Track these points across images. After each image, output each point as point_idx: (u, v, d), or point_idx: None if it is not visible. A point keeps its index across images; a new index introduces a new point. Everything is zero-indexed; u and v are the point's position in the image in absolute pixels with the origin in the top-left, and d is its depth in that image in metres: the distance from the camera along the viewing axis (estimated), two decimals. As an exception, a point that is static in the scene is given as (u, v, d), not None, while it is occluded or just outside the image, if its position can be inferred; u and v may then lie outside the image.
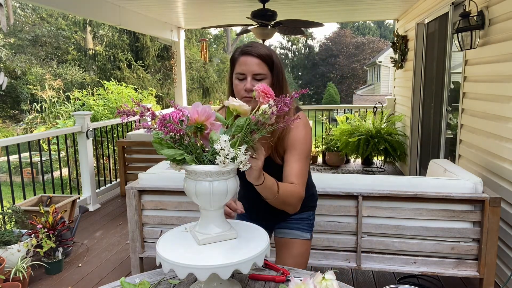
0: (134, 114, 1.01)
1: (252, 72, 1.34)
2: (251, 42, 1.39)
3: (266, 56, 1.35)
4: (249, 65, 1.34)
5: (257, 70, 1.34)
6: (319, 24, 4.65)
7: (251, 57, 1.34)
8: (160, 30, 6.39)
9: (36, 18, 17.11)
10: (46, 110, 10.94)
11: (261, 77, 1.35)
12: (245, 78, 1.35)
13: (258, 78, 1.35)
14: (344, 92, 30.88)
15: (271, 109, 1.05)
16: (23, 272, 2.49)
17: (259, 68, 1.34)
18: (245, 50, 1.35)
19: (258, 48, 1.35)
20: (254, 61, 1.34)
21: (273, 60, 1.36)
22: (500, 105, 2.69)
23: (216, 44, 25.41)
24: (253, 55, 1.34)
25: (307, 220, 1.62)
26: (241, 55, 1.36)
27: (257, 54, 1.33)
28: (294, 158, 1.38)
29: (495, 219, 2.17)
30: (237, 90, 1.38)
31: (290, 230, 1.60)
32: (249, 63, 1.34)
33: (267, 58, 1.35)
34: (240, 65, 1.35)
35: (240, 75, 1.36)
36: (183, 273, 0.97)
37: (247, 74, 1.35)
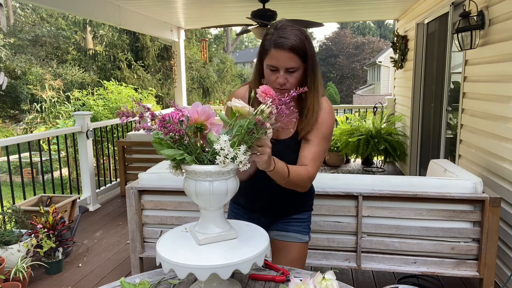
0: (133, 115, 1.01)
1: (284, 66, 1.31)
2: (283, 30, 1.31)
3: (298, 49, 1.29)
4: (281, 60, 1.30)
5: (290, 64, 1.30)
6: (319, 24, 4.65)
7: (283, 51, 1.28)
8: (160, 30, 6.38)
9: (36, 18, 17.10)
10: (46, 110, 10.94)
11: (293, 69, 1.32)
12: (277, 70, 1.32)
13: (291, 71, 1.32)
14: (344, 92, 30.87)
15: (270, 108, 1.05)
16: (23, 272, 2.49)
17: (292, 62, 1.30)
18: (278, 42, 1.29)
19: (291, 39, 1.28)
20: (286, 55, 1.29)
21: (306, 50, 1.31)
22: (500, 105, 2.69)
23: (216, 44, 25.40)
24: (285, 48, 1.28)
25: (306, 222, 1.60)
26: (273, 47, 1.30)
27: (289, 47, 1.28)
28: (315, 141, 1.38)
29: (495, 219, 2.17)
30: (269, 80, 1.36)
31: (289, 233, 1.56)
32: (281, 58, 1.29)
33: (299, 51, 1.29)
34: (272, 58, 1.31)
35: (272, 67, 1.33)
36: (183, 273, 0.97)
37: (279, 68, 1.32)
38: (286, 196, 1.52)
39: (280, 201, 1.54)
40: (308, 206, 1.62)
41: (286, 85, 1.33)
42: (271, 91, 1.09)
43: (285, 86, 1.33)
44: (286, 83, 1.32)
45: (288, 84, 1.33)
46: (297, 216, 1.58)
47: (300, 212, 1.58)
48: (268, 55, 1.32)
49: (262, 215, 1.57)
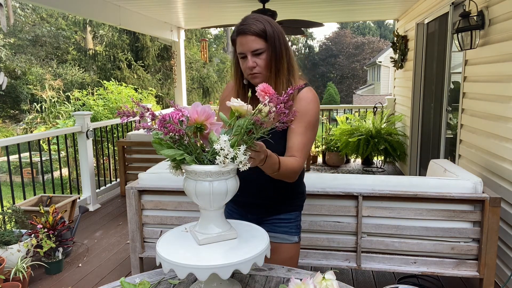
0: (134, 115, 1.01)
1: (249, 49, 1.37)
2: (244, 18, 1.40)
3: (260, 31, 1.36)
4: (245, 44, 1.37)
5: (254, 46, 1.36)
6: (319, 24, 4.65)
7: (245, 36, 1.36)
8: (160, 30, 6.39)
9: (36, 18, 17.11)
10: (46, 110, 10.94)
11: (259, 51, 1.37)
12: (246, 57, 1.39)
13: (257, 53, 1.37)
14: (344, 92, 30.88)
15: (268, 107, 1.05)
16: (23, 272, 2.49)
17: (256, 44, 1.36)
18: (240, 29, 1.38)
19: (251, 25, 1.36)
20: (249, 38, 1.36)
21: (266, 31, 1.37)
22: (500, 105, 2.69)
23: (216, 44, 25.41)
24: (247, 33, 1.36)
25: (294, 222, 1.58)
26: (238, 35, 1.39)
27: (251, 31, 1.35)
28: (300, 130, 1.39)
29: (495, 219, 2.17)
30: (243, 69, 1.42)
31: (277, 234, 1.54)
32: (245, 42, 1.37)
33: (260, 32, 1.36)
34: (239, 45, 1.39)
35: (241, 54, 1.40)
36: (183, 273, 0.97)
37: (246, 53, 1.38)
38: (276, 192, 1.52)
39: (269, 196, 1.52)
40: (297, 205, 1.61)
41: (256, 68, 1.38)
42: (270, 89, 1.09)
43: (255, 70, 1.38)
44: (255, 66, 1.37)
45: (258, 67, 1.38)
46: (285, 217, 1.57)
47: (288, 211, 1.57)
48: (236, 45, 1.40)
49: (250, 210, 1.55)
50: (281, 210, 1.56)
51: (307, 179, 2.38)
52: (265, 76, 1.39)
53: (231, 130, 1.07)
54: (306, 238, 2.40)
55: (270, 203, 1.54)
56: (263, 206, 1.55)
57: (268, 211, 1.56)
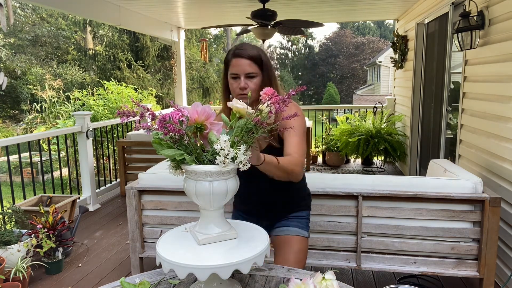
0: (134, 115, 1.01)
1: (244, 72, 1.49)
2: (241, 44, 1.54)
3: (256, 57, 1.50)
4: (241, 66, 1.49)
5: (249, 70, 1.49)
6: (319, 24, 4.65)
7: (242, 59, 1.49)
8: (160, 30, 6.38)
9: (36, 18, 17.11)
10: (46, 110, 10.94)
11: (252, 75, 1.50)
12: (239, 77, 1.50)
13: (250, 76, 1.50)
14: (344, 92, 30.88)
15: (269, 108, 1.05)
16: (23, 272, 2.49)
17: (250, 68, 1.49)
18: (237, 52, 1.51)
19: (248, 50, 1.50)
20: (245, 62, 1.49)
21: (262, 59, 1.51)
22: (500, 105, 2.69)
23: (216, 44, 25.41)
24: (244, 56, 1.49)
25: (305, 219, 1.71)
26: (233, 57, 1.51)
27: (248, 56, 1.49)
28: (291, 134, 1.49)
29: (495, 219, 2.17)
30: (232, 88, 1.53)
31: (290, 227, 1.65)
32: (241, 64, 1.49)
33: (256, 59, 1.50)
34: (233, 66, 1.50)
35: (234, 75, 1.51)
36: (183, 273, 0.97)
37: (240, 74, 1.50)
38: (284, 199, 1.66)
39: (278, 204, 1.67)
40: (306, 205, 1.74)
41: (247, 89, 1.49)
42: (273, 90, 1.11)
43: (245, 91, 1.48)
44: (246, 87, 1.49)
45: (248, 88, 1.49)
46: (296, 214, 1.69)
47: (298, 210, 1.70)
48: (230, 66, 1.52)
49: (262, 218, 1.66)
50: (292, 210, 1.69)
51: (307, 179, 2.39)
52: (253, 98, 1.45)
53: (231, 131, 1.07)
54: (306, 238, 2.40)
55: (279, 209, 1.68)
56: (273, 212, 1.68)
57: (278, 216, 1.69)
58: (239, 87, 1.49)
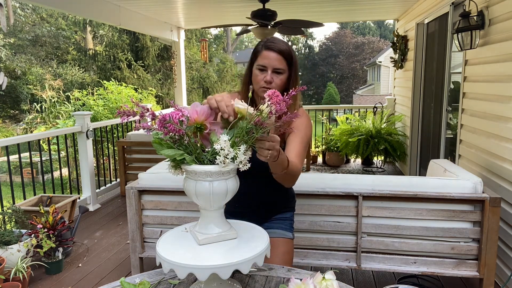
0: (134, 115, 1.01)
1: (273, 66, 1.46)
2: (273, 38, 1.51)
3: (287, 53, 1.47)
4: (271, 60, 1.45)
5: (278, 65, 1.46)
6: (319, 24, 4.65)
7: (273, 53, 1.45)
8: (160, 30, 6.38)
9: (36, 18, 17.10)
10: (46, 110, 10.94)
11: (280, 71, 1.47)
12: (266, 70, 1.47)
13: (278, 72, 1.47)
14: (344, 92, 30.87)
15: (269, 108, 1.05)
16: (23, 272, 2.49)
17: (279, 64, 1.46)
18: (269, 45, 1.47)
19: (280, 45, 1.47)
20: (275, 56, 1.45)
21: (292, 57, 1.48)
22: (500, 105, 2.69)
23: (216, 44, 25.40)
24: (275, 50, 1.45)
25: (289, 220, 1.70)
26: (264, 49, 1.47)
27: (279, 50, 1.45)
28: (297, 140, 1.48)
29: (495, 219, 2.17)
30: (256, 80, 1.49)
31: (273, 229, 1.63)
32: (271, 57, 1.45)
33: (287, 55, 1.47)
34: (263, 58, 1.47)
35: (261, 67, 1.47)
36: (183, 273, 0.97)
37: (268, 67, 1.46)
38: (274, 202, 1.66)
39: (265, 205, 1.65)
40: (290, 207, 1.74)
41: (272, 84, 1.46)
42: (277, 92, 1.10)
43: (270, 86, 1.45)
44: (272, 82, 1.46)
45: (274, 84, 1.46)
46: (279, 216, 1.68)
47: (282, 212, 1.69)
48: (259, 56, 1.48)
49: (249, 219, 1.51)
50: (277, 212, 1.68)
51: (307, 179, 2.39)
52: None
53: (232, 131, 1.07)
54: (306, 238, 2.40)
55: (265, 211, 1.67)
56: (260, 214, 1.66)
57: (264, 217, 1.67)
58: (264, 79, 1.46)
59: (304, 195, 2.32)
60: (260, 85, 1.48)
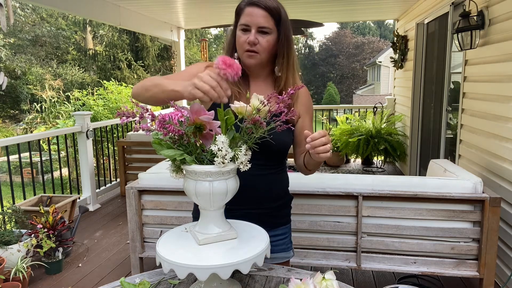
0: (133, 116, 1.01)
1: (257, 24, 1.25)
2: None
3: (274, 10, 1.26)
4: (254, 17, 1.25)
5: (263, 23, 1.25)
6: (319, 24, 4.65)
7: (258, 9, 1.25)
8: (160, 30, 6.38)
9: (36, 18, 17.10)
10: (46, 110, 10.95)
11: (266, 30, 1.26)
12: (249, 30, 1.26)
13: (264, 31, 1.26)
14: (344, 92, 30.88)
15: (268, 107, 1.04)
16: (23, 272, 2.49)
17: (265, 21, 1.25)
18: (252, 0, 1.26)
19: (266, 0, 1.26)
20: (260, 12, 1.25)
21: (281, 14, 1.27)
22: (500, 105, 2.69)
23: (216, 44, 25.41)
24: (260, 6, 1.25)
25: (289, 235, 1.47)
26: (248, 5, 1.27)
27: (264, 6, 1.25)
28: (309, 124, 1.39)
29: (495, 219, 2.17)
30: (239, 42, 1.28)
31: (276, 253, 1.42)
32: (255, 14, 1.25)
33: (274, 12, 1.26)
34: (245, 15, 1.27)
35: (244, 26, 1.27)
36: (183, 273, 0.97)
37: (251, 26, 1.26)
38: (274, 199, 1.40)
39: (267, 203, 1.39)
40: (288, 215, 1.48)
41: (257, 46, 1.26)
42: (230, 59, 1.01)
43: (255, 48, 1.26)
44: (256, 43, 1.26)
45: (259, 45, 1.26)
46: (281, 232, 1.44)
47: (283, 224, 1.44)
48: (242, 15, 1.28)
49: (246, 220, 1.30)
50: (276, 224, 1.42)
51: (307, 179, 2.39)
52: (261, 59, 1.29)
53: (232, 131, 1.06)
54: (306, 238, 2.40)
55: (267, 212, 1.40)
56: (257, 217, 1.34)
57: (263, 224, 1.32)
58: (247, 41, 1.25)
59: (304, 195, 2.32)
60: (243, 48, 1.27)
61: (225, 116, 1.06)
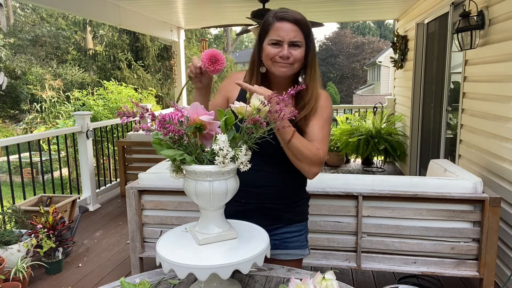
0: (134, 115, 1.01)
1: (289, 39, 1.27)
2: (285, 9, 1.30)
3: (303, 22, 1.28)
4: (286, 31, 1.26)
5: (295, 37, 1.27)
6: (319, 24, 4.64)
7: (288, 23, 1.26)
8: (160, 30, 6.38)
9: (36, 18, 17.10)
10: (46, 110, 10.94)
11: (298, 44, 1.29)
12: (281, 45, 1.28)
13: (295, 45, 1.28)
14: (344, 92, 30.86)
15: (268, 107, 1.04)
16: (23, 272, 2.49)
17: (296, 35, 1.27)
18: (281, 15, 1.27)
19: (295, 14, 1.28)
20: (290, 27, 1.26)
21: (309, 27, 1.30)
22: (500, 105, 2.69)
23: (216, 44, 25.41)
24: (290, 20, 1.26)
25: (305, 233, 1.48)
26: (277, 20, 1.28)
27: (294, 20, 1.26)
28: (319, 125, 1.34)
29: (495, 219, 2.17)
30: (270, 55, 1.29)
31: (290, 250, 1.43)
32: (285, 29, 1.26)
33: (303, 24, 1.28)
34: (276, 30, 1.27)
35: (275, 41, 1.28)
36: (183, 273, 0.97)
37: (283, 41, 1.27)
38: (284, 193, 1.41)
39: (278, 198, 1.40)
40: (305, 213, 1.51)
41: (290, 59, 1.28)
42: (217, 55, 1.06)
43: (289, 61, 1.28)
44: (290, 56, 1.28)
45: (292, 58, 1.28)
46: (296, 228, 1.45)
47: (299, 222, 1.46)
48: (271, 29, 1.28)
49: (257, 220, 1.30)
50: (291, 220, 1.44)
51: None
52: (293, 70, 1.31)
53: (232, 131, 1.06)
54: (306, 238, 2.40)
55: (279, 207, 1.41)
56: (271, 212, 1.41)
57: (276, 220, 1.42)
58: (280, 54, 1.27)
59: (304, 195, 2.32)
60: (275, 60, 1.29)
61: (225, 116, 1.06)
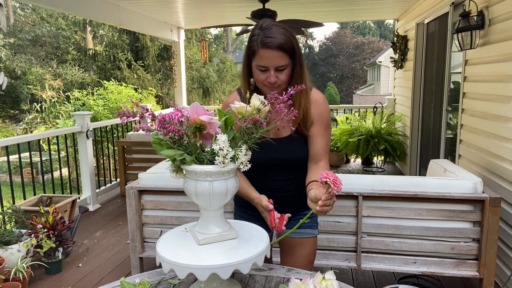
0: (134, 115, 1.01)
1: (274, 65, 1.32)
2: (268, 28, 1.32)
3: (287, 45, 1.30)
4: (270, 59, 1.31)
5: (279, 63, 1.32)
6: (319, 24, 4.65)
7: (272, 50, 1.29)
8: (160, 30, 6.38)
9: (36, 18, 17.10)
10: (46, 110, 10.94)
11: (283, 67, 1.33)
12: (267, 70, 1.34)
13: (281, 69, 1.34)
14: (344, 92, 30.86)
15: (268, 107, 1.05)
16: (23, 272, 2.49)
17: (281, 60, 1.31)
18: (265, 41, 1.29)
19: (278, 38, 1.29)
20: (275, 54, 1.30)
21: (294, 47, 1.33)
22: (500, 105, 2.69)
23: (216, 44, 25.41)
24: (274, 48, 1.29)
25: (315, 216, 1.60)
26: (261, 47, 1.30)
27: (278, 46, 1.29)
28: (321, 133, 1.46)
29: (495, 219, 2.17)
30: (259, 79, 1.37)
31: (302, 229, 1.54)
32: (270, 56, 1.30)
33: (287, 47, 1.31)
34: (261, 58, 1.32)
35: (261, 67, 1.34)
36: (183, 273, 0.97)
37: (269, 68, 1.33)
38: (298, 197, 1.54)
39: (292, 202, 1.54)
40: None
41: (277, 82, 1.35)
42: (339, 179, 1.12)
43: (276, 84, 1.35)
44: (277, 81, 1.34)
45: (279, 81, 1.35)
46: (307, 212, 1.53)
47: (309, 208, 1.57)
48: (257, 56, 1.33)
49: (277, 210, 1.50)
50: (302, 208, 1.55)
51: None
52: (282, 89, 1.37)
53: (233, 131, 1.06)
54: (306, 238, 2.40)
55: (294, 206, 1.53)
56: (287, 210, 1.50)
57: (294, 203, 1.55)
58: (268, 80, 1.34)
59: (304, 195, 2.32)
60: (263, 85, 1.38)
61: (225, 116, 1.06)
